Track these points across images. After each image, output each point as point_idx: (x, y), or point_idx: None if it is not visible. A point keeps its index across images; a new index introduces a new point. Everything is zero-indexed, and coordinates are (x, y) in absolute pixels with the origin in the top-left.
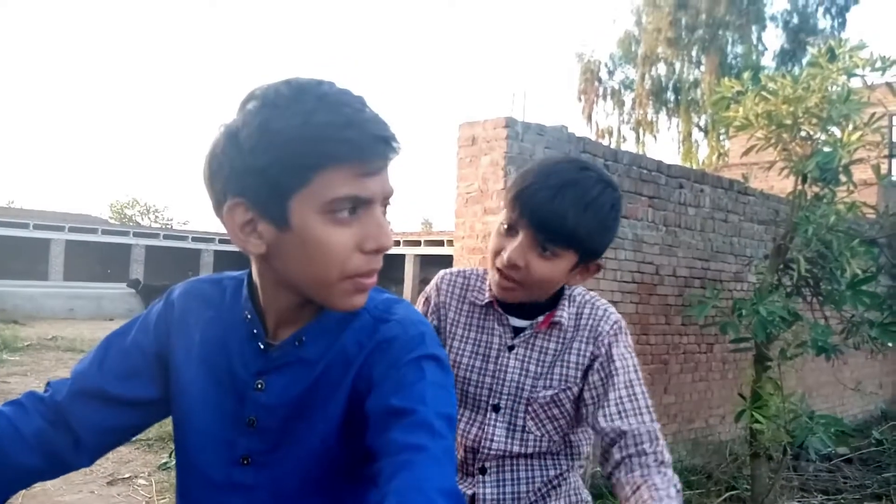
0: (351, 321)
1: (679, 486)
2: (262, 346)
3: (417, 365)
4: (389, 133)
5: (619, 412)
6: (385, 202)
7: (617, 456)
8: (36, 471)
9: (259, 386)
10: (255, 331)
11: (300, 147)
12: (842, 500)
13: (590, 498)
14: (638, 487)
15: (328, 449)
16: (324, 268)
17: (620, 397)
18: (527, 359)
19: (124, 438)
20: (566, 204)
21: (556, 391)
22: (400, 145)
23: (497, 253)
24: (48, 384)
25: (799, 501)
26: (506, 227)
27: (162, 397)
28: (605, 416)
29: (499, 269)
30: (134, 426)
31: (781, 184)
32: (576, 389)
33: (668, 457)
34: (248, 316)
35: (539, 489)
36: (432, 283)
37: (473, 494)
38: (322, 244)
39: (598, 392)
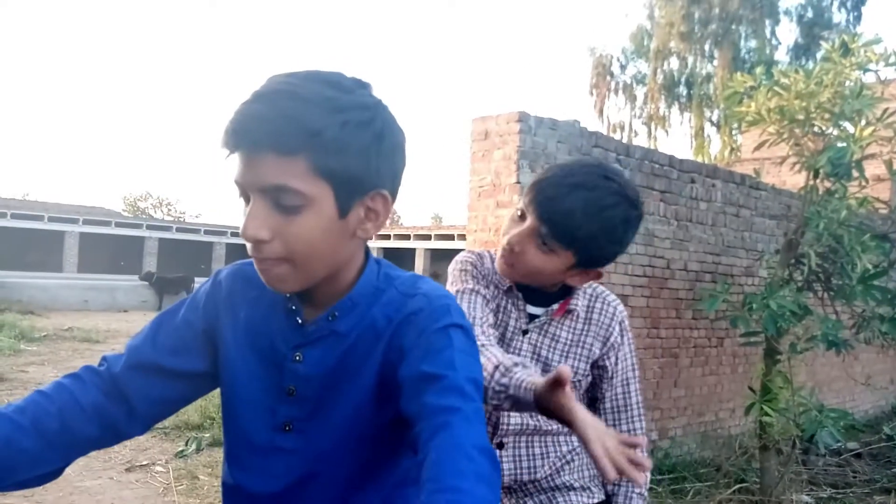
0: (380, 297)
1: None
2: (299, 322)
3: (445, 333)
4: (239, 125)
5: (612, 409)
6: (259, 191)
7: None
8: (93, 439)
9: (297, 358)
10: (293, 307)
11: None
12: (850, 494)
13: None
14: (606, 497)
15: (360, 415)
16: None
17: (615, 395)
18: (539, 344)
19: (174, 409)
20: (576, 204)
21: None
22: (245, 135)
23: (505, 234)
24: (103, 358)
25: (808, 495)
26: (519, 212)
27: (209, 371)
28: (600, 411)
29: (502, 248)
30: (183, 397)
31: (793, 179)
32: (585, 382)
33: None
34: (287, 294)
35: (553, 463)
36: (470, 256)
37: None
38: None
39: (599, 388)
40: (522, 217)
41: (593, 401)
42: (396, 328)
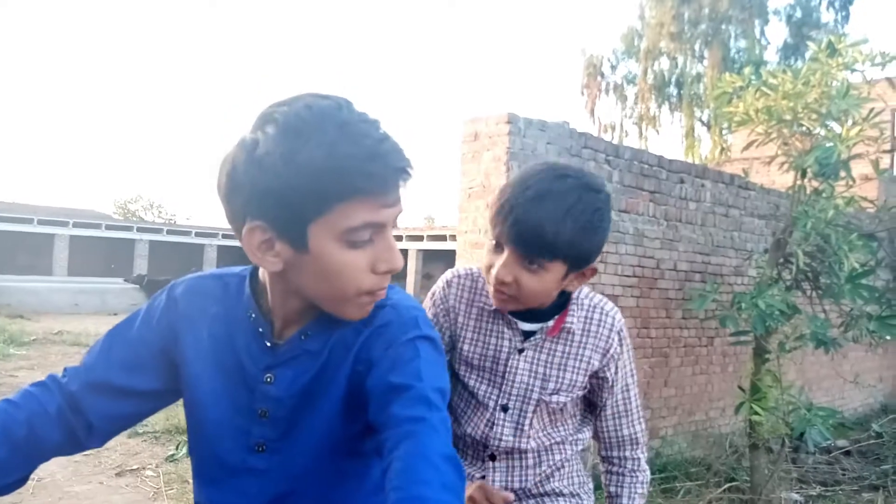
0: None
1: (646, 481)
2: (268, 344)
3: (412, 345)
4: (406, 161)
5: (613, 415)
6: (395, 222)
7: (604, 453)
8: (58, 445)
9: (268, 379)
10: (260, 329)
11: (324, 179)
12: (840, 492)
13: (590, 480)
14: (609, 497)
15: (332, 429)
16: (339, 287)
17: (616, 402)
18: (536, 361)
19: (132, 423)
20: (542, 216)
21: (567, 396)
22: (413, 169)
23: (489, 269)
24: (65, 370)
25: (797, 493)
26: (494, 243)
27: (167, 388)
28: (601, 417)
29: (493, 284)
30: (140, 413)
31: (782, 178)
32: (582, 394)
33: (642, 456)
34: (252, 315)
35: (544, 472)
36: (441, 283)
37: (483, 477)
38: (338, 267)
39: (599, 396)
40: (499, 247)
41: (591, 406)
42: (365, 340)
